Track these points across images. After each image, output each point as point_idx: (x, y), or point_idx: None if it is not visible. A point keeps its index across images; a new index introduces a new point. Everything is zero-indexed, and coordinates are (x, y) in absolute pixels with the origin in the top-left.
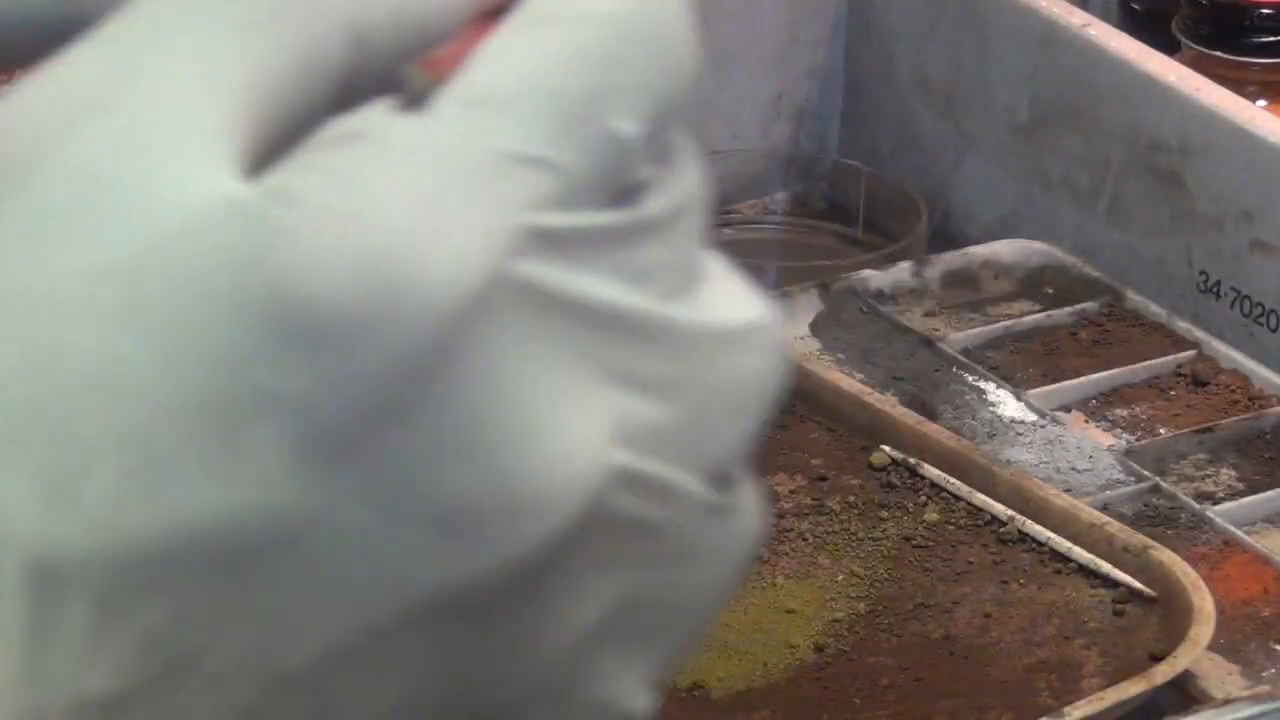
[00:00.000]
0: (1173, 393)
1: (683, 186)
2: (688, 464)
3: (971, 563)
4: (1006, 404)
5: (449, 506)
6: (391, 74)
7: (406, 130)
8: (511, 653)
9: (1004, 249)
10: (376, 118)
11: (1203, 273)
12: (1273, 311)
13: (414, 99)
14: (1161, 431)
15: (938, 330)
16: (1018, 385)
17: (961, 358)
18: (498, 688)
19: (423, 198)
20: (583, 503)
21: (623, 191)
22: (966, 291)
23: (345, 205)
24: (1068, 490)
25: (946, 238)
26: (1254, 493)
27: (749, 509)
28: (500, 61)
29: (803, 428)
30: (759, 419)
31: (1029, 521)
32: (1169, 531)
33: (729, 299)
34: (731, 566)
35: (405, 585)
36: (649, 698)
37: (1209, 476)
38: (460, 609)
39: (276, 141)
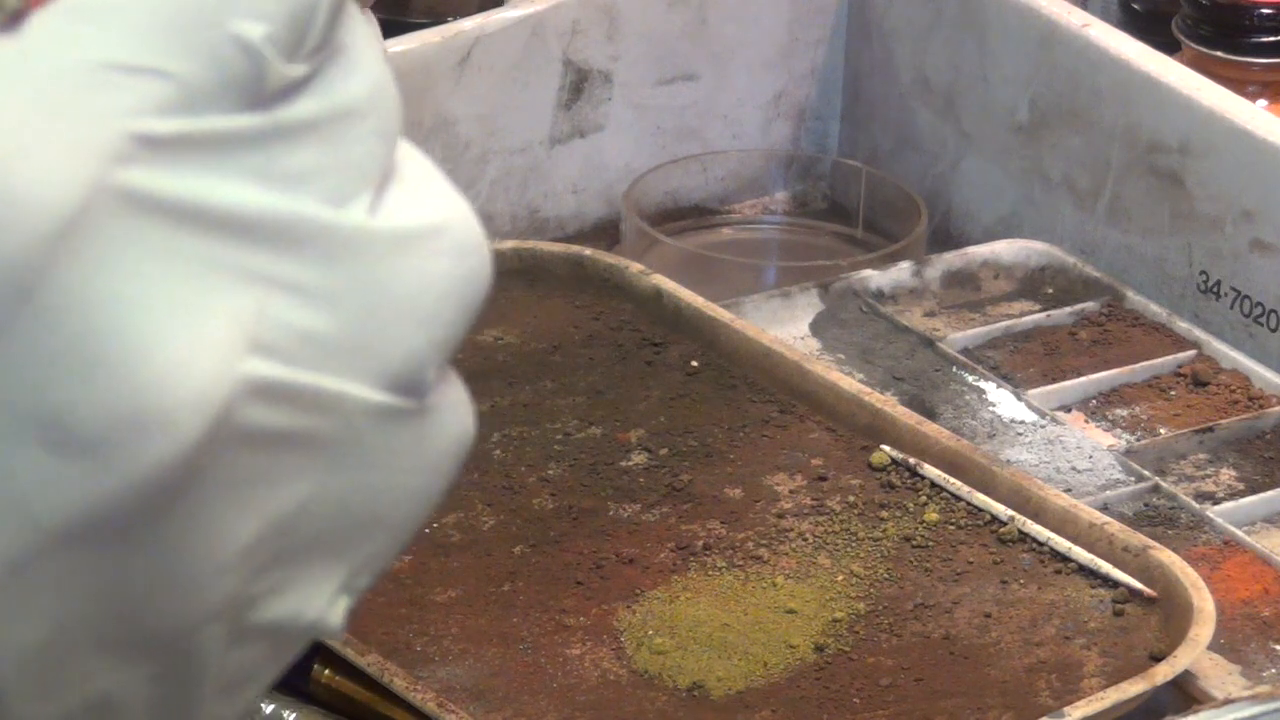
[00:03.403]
0: (1173, 393)
1: (348, 87)
2: (354, 371)
3: (971, 563)
4: (1006, 404)
5: (67, 426)
6: None
7: None
8: (166, 573)
9: (1004, 249)
10: None
11: (1203, 273)
12: (1273, 311)
13: (11, 19)
14: (1161, 431)
15: (938, 330)
16: (1018, 385)
17: (961, 358)
18: (161, 609)
19: (8, 117)
20: (210, 415)
21: (271, 95)
22: (966, 291)
23: None
24: (1068, 490)
25: (946, 238)
26: (1254, 493)
27: (450, 412)
28: None
29: (803, 428)
30: (454, 324)
31: (1029, 521)
32: (1169, 531)
33: (412, 201)
34: (430, 470)
35: (36, 515)
36: (342, 606)
37: (1209, 476)
38: (100, 533)
39: None
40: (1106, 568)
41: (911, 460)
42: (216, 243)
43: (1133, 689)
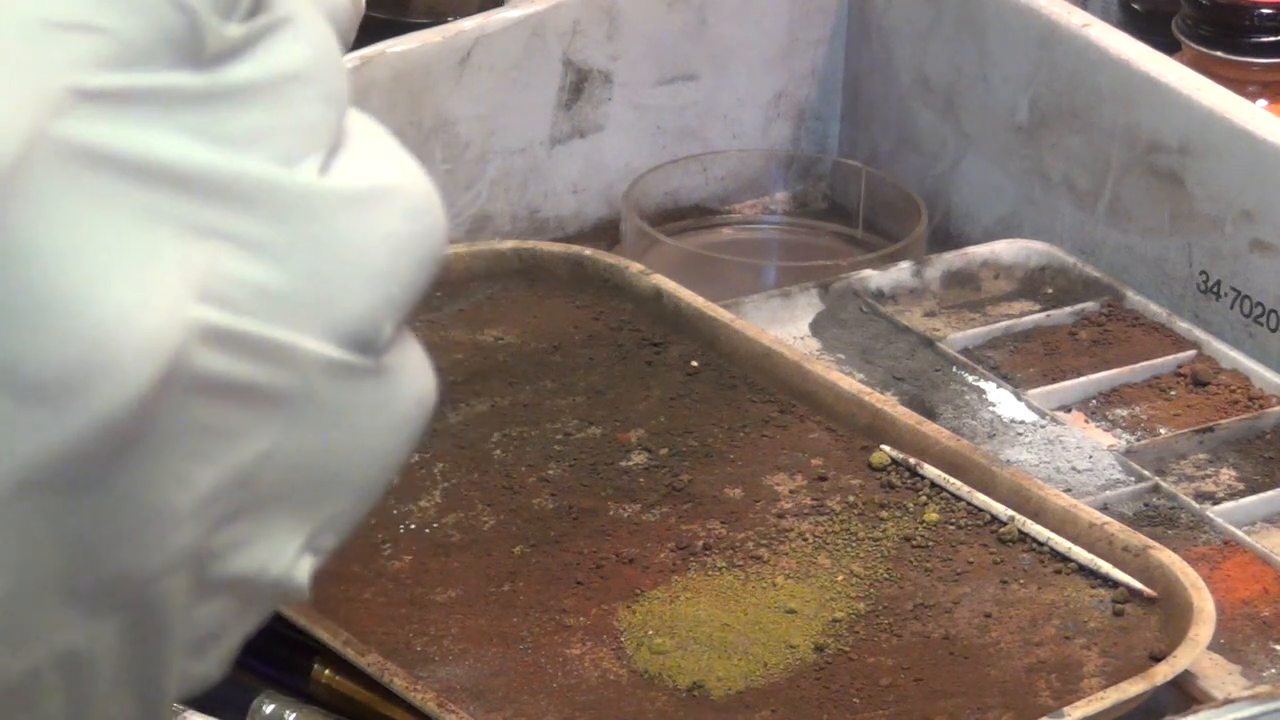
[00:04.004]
0: (1173, 393)
1: (291, 53)
2: (309, 325)
3: (971, 563)
4: (1006, 404)
5: (18, 374)
6: None
7: None
8: (126, 520)
9: (1004, 249)
10: None
11: (1203, 273)
12: (1273, 311)
13: None
14: (1161, 431)
15: (938, 330)
16: (1018, 385)
17: (961, 358)
18: (122, 557)
19: None
20: (160, 360)
21: (211, 56)
22: (966, 291)
23: None
24: (1068, 490)
25: (946, 238)
26: (1254, 493)
27: (409, 375)
28: None
29: (803, 428)
30: (408, 283)
31: (1029, 521)
32: (1169, 531)
33: (364, 164)
34: (391, 431)
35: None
36: (307, 565)
37: (1209, 476)
38: (58, 480)
39: None
40: (1106, 568)
41: (911, 460)
42: (162, 196)
43: (1133, 689)
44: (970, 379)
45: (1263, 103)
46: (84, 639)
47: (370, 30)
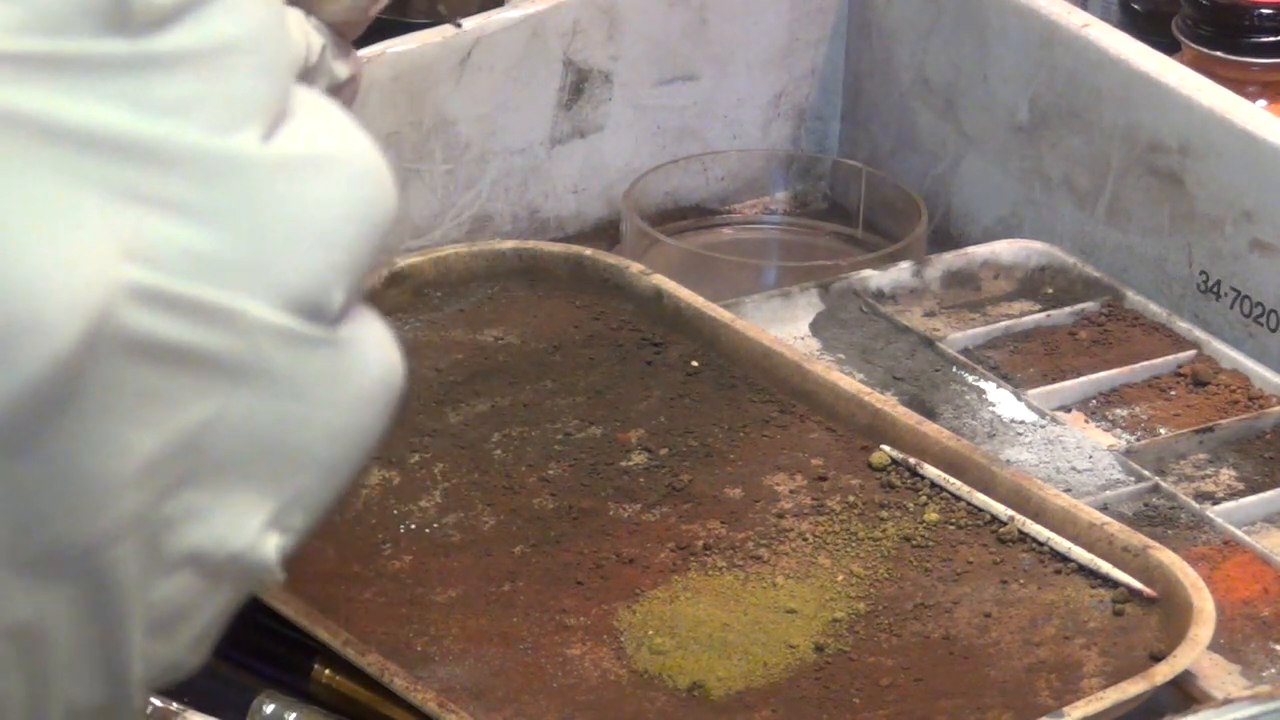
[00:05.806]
0: (1173, 393)
1: (226, 24)
2: (249, 288)
3: (971, 563)
4: (1006, 404)
5: None
6: None
7: None
8: (61, 484)
9: (1004, 249)
10: None
11: (1203, 273)
12: (1273, 311)
13: None
14: (1161, 431)
15: (938, 330)
16: (1018, 385)
17: (961, 358)
18: (60, 523)
19: None
20: (85, 318)
21: (141, 24)
22: (966, 291)
23: None
24: (1068, 490)
25: (946, 238)
26: (1254, 493)
27: (371, 349)
28: None
29: (803, 428)
30: (355, 249)
31: (1029, 521)
32: (1169, 531)
33: (307, 133)
34: (353, 407)
35: None
36: (274, 543)
37: (1209, 476)
38: None
39: None
40: (1106, 568)
41: (911, 460)
42: (83, 158)
43: (1133, 689)
44: (970, 379)
45: (1263, 103)
46: (33, 611)
47: (370, 30)
